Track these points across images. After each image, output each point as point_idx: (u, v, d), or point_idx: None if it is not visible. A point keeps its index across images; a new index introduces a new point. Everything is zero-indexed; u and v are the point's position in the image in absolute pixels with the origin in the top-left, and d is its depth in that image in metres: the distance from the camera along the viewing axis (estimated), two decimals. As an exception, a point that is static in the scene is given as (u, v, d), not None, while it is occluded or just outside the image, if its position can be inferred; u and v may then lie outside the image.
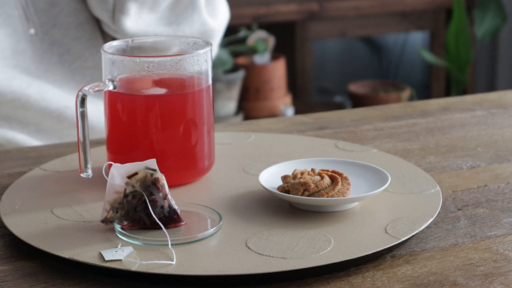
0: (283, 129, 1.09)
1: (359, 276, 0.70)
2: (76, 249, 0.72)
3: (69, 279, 0.70)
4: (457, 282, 0.69)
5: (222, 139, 1.00)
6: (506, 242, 0.76)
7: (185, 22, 1.21)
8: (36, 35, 1.20)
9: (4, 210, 0.80)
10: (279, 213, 0.79)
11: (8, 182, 0.90)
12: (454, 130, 1.08)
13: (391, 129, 1.08)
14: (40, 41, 1.21)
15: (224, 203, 0.81)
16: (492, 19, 3.08)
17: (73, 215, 0.79)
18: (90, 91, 0.82)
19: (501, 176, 0.92)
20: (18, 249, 0.75)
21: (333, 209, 0.79)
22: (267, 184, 0.81)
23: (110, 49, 0.87)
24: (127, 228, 0.75)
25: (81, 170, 0.83)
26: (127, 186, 0.75)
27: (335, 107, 3.14)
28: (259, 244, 0.72)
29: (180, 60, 0.84)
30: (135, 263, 0.69)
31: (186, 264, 0.69)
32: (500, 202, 0.85)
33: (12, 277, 0.70)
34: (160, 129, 0.85)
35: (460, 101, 1.22)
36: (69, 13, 1.22)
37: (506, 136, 1.05)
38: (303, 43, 3.10)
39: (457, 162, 0.96)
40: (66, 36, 1.22)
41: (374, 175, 0.84)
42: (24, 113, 1.18)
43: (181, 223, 0.76)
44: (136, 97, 0.86)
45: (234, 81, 2.88)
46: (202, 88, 0.86)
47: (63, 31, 1.22)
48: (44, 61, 1.21)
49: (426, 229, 0.78)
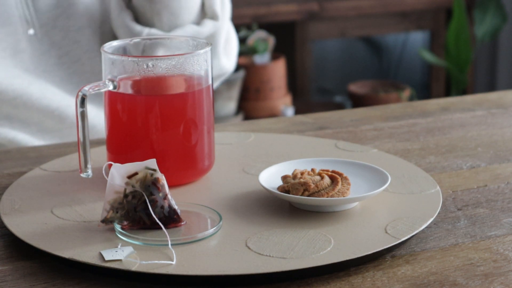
0: (283, 129, 1.09)
1: (359, 276, 0.70)
2: (76, 249, 0.72)
3: (69, 279, 0.70)
4: (457, 282, 0.69)
5: (222, 139, 1.00)
6: (506, 242, 0.76)
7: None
8: (36, 36, 1.21)
9: (4, 210, 0.80)
10: (279, 213, 0.79)
11: (8, 182, 0.90)
12: (454, 130, 1.08)
13: (391, 129, 1.08)
14: (39, 41, 1.21)
15: (224, 203, 0.81)
16: (492, 19, 3.08)
17: (73, 215, 0.79)
18: (90, 91, 0.82)
19: (501, 176, 0.92)
20: (18, 249, 0.75)
21: (333, 209, 0.79)
22: (267, 184, 0.81)
23: (110, 49, 0.87)
24: (127, 228, 0.75)
25: (81, 170, 0.83)
26: (127, 186, 0.75)
27: (335, 107, 3.14)
28: (259, 244, 0.72)
29: (180, 60, 0.84)
30: (135, 263, 0.69)
31: (186, 264, 0.69)
32: (500, 202, 0.85)
33: (12, 277, 0.70)
34: (160, 129, 0.85)
35: (460, 101, 1.22)
36: (69, 16, 1.22)
37: (506, 136, 1.05)
38: (303, 43, 3.10)
39: (457, 162, 0.96)
40: (65, 39, 1.22)
41: (374, 175, 0.84)
42: (26, 112, 1.19)
43: (181, 223, 0.76)
44: (136, 97, 0.86)
45: (234, 81, 2.88)
46: (202, 88, 0.86)
47: (62, 33, 1.22)
48: (42, 61, 1.21)
49: (426, 229, 0.78)
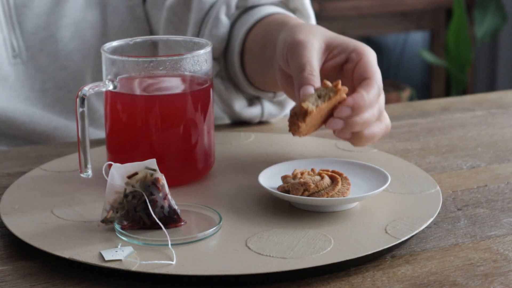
0: (283, 129, 1.09)
1: (359, 276, 0.70)
2: (76, 249, 0.72)
3: (69, 279, 0.70)
4: (457, 282, 0.69)
5: (222, 139, 1.00)
6: (506, 242, 0.76)
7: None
8: (21, 58, 1.13)
9: (4, 210, 0.80)
10: (279, 213, 0.79)
11: (8, 182, 0.90)
12: (454, 130, 1.08)
13: (391, 129, 1.08)
14: (24, 65, 1.14)
15: (224, 203, 0.81)
16: (492, 19, 3.08)
17: (73, 215, 0.79)
18: (90, 91, 0.82)
19: (501, 176, 0.92)
20: (18, 249, 0.75)
21: (333, 209, 0.79)
22: (267, 184, 0.81)
23: (110, 49, 0.87)
24: (127, 228, 0.75)
25: (81, 170, 0.83)
26: (127, 186, 0.75)
27: (335, 107, 3.14)
28: (259, 244, 0.72)
29: (180, 60, 0.84)
30: (135, 263, 0.69)
31: (186, 264, 0.69)
32: (500, 202, 0.85)
33: (12, 277, 0.70)
34: (160, 129, 0.85)
35: (460, 101, 1.22)
36: (58, 40, 1.14)
37: (506, 136, 1.05)
38: (303, 43, 3.09)
39: (457, 162, 0.96)
40: (52, 64, 1.15)
41: (374, 175, 0.84)
42: (13, 132, 1.13)
43: (181, 223, 0.76)
44: (136, 97, 0.86)
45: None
46: (202, 88, 0.86)
47: (50, 58, 1.15)
48: (25, 87, 1.14)
49: (426, 229, 0.78)
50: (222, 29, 1.06)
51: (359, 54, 0.87)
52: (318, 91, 0.82)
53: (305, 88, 0.83)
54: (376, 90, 0.84)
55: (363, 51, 0.87)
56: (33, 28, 1.14)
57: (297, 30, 0.90)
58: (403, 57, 3.50)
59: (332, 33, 0.90)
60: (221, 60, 1.08)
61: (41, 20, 1.14)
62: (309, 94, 0.82)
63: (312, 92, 0.82)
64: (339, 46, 0.88)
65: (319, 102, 0.81)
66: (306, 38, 0.88)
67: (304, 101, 0.81)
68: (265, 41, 1.00)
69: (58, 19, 1.14)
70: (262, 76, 1.03)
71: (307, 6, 1.09)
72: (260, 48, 1.01)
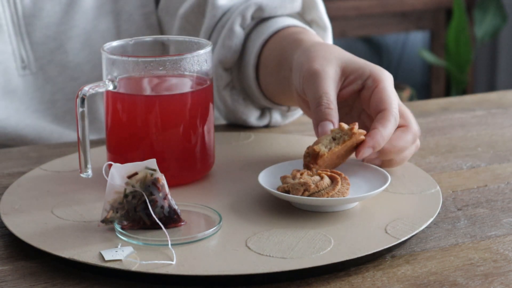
0: (283, 129, 1.09)
1: (359, 276, 0.70)
2: (76, 249, 0.72)
3: (69, 279, 0.70)
4: (457, 282, 0.69)
5: (222, 139, 1.00)
6: (506, 242, 0.76)
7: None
8: (30, 70, 1.11)
9: (4, 210, 0.80)
10: (279, 213, 0.79)
11: (8, 182, 0.90)
12: (454, 130, 1.08)
13: (391, 129, 1.08)
14: (33, 76, 1.12)
15: (224, 203, 0.81)
16: (492, 19, 3.08)
17: (73, 215, 0.79)
18: (90, 91, 0.82)
19: (501, 176, 0.92)
20: (18, 249, 0.75)
21: (333, 209, 0.79)
22: (267, 184, 0.81)
23: (110, 49, 0.87)
24: (127, 228, 0.75)
25: (81, 170, 0.83)
26: (127, 186, 0.75)
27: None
28: (259, 244, 0.72)
29: (180, 60, 0.84)
30: (135, 263, 0.69)
31: (186, 264, 0.69)
32: (500, 202, 0.85)
33: (12, 277, 0.70)
34: (160, 129, 0.85)
35: (460, 101, 1.22)
36: (67, 51, 1.13)
37: (506, 136, 1.05)
38: (303, 43, 3.09)
39: (457, 162, 0.96)
40: (61, 75, 1.13)
41: (374, 175, 0.84)
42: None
43: (181, 223, 0.76)
44: (136, 97, 0.86)
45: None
46: (202, 88, 0.86)
47: (59, 69, 1.13)
48: (34, 99, 1.12)
49: (426, 229, 0.78)
50: (235, 40, 1.05)
51: (375, 81, 0.86)
52: (333, 133, 0.81)
53: (323, 125, 0.83)
54: (392, 123, 0.83)
55: (379, 78, 0.86)
56: (42, 39, 1.12)
57: (312, 56, 0.88)
58: (403, 57, 3.50)
59: (348, 56, 0.89)
60: (234, 71, 1.07)
61: (51, 31, 1.13)
62: (324, 136, 0.82)
63: (331, 128, 0.82)
64: (355, 71, 0.87)
65: (333, 145, 0.81)
66: (321, 67, 0.86)
67: (318, 143, 0.81)
68: (281, 58, 0.99)
69: (67, 29, 1.13)
70: (280, 94, 1.03)
71: (324, 17, 1.08)
72: (276, 65, 1.00)
